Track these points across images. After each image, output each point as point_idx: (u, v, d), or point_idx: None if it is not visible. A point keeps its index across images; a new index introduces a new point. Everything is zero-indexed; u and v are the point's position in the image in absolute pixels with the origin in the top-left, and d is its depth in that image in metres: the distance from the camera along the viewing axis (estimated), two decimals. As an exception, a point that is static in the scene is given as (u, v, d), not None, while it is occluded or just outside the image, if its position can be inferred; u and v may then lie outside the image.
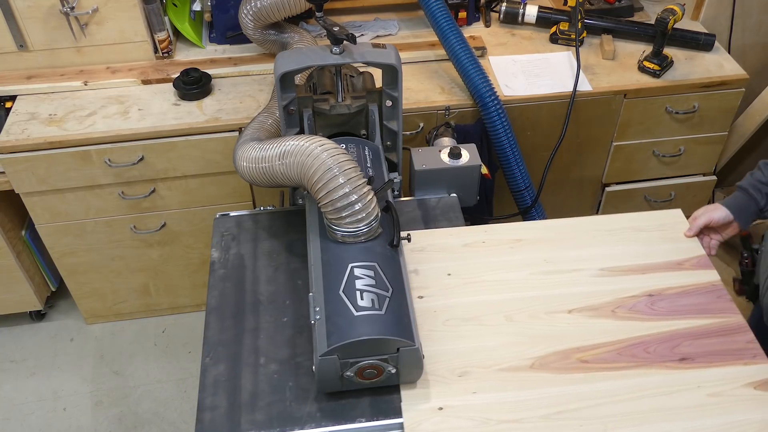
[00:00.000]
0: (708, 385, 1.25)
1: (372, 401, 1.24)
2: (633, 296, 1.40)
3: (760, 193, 1.46)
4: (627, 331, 1.34)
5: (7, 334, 2.48)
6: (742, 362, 1.29)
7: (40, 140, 1.89)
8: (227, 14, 2.10)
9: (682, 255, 1.49)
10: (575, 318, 1.36)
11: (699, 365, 1.28)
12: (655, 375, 1.27)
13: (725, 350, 1.31)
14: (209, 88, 2.03)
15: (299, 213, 1.60)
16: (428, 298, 1.40)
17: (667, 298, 1.40)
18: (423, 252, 1.49)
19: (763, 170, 1.47)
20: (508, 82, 2.09)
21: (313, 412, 1.22)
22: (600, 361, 1.29)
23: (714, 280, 1.44)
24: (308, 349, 1.32)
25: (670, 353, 1.30)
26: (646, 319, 1.36)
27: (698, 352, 1.30)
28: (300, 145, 1.29)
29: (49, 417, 2.23)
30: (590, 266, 1.46)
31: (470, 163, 1.67)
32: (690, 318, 1.36)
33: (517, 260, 1.48)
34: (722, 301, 1.40)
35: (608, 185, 2.39)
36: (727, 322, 1.36)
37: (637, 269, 1.46)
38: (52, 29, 1.96)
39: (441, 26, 1.97)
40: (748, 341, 1.32)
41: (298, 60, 1.43)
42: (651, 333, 1.33)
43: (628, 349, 1.31)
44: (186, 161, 2.00)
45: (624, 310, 1.38)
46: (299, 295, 1.43)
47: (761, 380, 1.25)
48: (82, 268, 2.25)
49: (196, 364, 2.25)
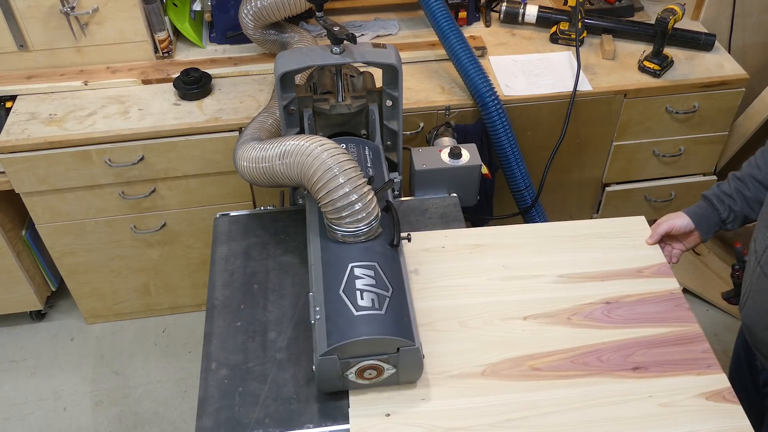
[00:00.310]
0: (659, 394, 1.24)
1: (321, 407, 1.23)
2: (590, 303, 1.38)
3: (723, 205, 1.45)
4: (582, 338, 1.32)
5: (7, 334, 2.48)
6: (695, 372, 1.27)
7: (40, 140, 1.89)
8: (227, 14, 2.10)
9: (642, 262, 1.47)
10: (530, 325, 1.34)
11: (652, 375, 1.27)
12: (606, 384, 1.25)
13: (680, 360, 1.29)
14: (209, 88, 2.03)
15: (286, 212, 1.60)
16: None
17: (625, 306, 1.38)
18: None
19: (731, 182, 1.46)
20: (508, 82, 2.09)
21: (261, 418, 1.22)
22: (552, 369, 1.27)
23: (673, 288, 1.42)
24: (258, 355, 1.32)
25: (623, 362, 1.28)
26: (601, 326, 1.34)
27: (652, 362, 1.29)
28: (300, 145, 1.29)
29: (49, 417, 2.23)
30: (549, 272, 1.44)
31: (470, 163, 1.67)
32: (646, 326, 1.35)
33: (475, 266, 1.46)
34: (680, 309, 1.38)
35: (608, 185, 2.39)
36: (684, 331, 1.34)
37: (596, 276, 1.44)
38: (52, 29, 1.96)
39: (441, 26, 1.97)
40: (704, 351, 1.31)
41: (298, 60, 1.43)
42: (606, 341, 1.32)
43: (581, 357, 1.29)
44: (186, 161, 2.00)
45: (580, 318, 1.36)
46: (254, 299, 1.43)
47: (713, 391, 1.24)
48: (82, 268, 2.25)
49: (196, 364, 2.25)
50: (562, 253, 1.49)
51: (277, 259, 1.51)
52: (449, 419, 1.20)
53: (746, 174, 1.44)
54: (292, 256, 1.52)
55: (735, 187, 1.45)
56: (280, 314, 1.39)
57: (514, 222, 2.25)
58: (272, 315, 1.39)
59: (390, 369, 1.19)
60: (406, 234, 1.37)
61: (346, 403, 1.22)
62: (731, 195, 1.45)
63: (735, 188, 1.45)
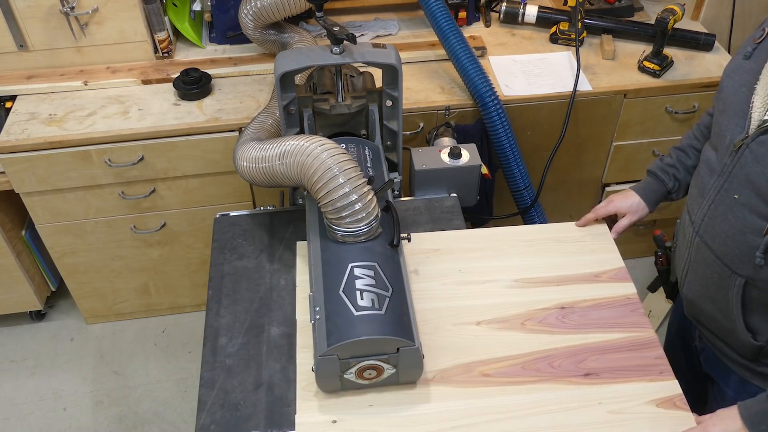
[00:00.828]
0: (609, 401, 1.22)
1: (268, 413, 1.23)
2: (544, 308, 1.37)
3: (668, 175, 1.48)
4: (534, 344, 1.31)
5: (7, 334, 2.48)
6: (647, 378, 1.26)
7: (40, 140, 1.89)
8: (227, 14, 2.10)
9: (599, 267, 1.46)
10: (483, 330, 1.33)
11: (603, 381, 1.25)
12: (557, 390, 1.24)
13: (632, 366, 1.28)
14: (209, 88, 2.03)
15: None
16: None
17: (579, 311, 1.37)
18: None
19: (672, 154, 1.50)
20: (508, 82, 2.08)
21: (206, 425, 1.21)
22: (502, 375, 1.26)
23: (630, 293, 1.41)
24: (207, 360, 1.31)
25: (575, 368, 1.27)
26: (555, 332, 1.33)
27: (604, 368, 1.28)
28: (300, 145, 1.29)
29: (49, 417, 2.23)
30: (505, 277, 1.43)
31: (470, 163, 1.67)
32: (600, 332, 1.33)
33: (430, 270, 1.44)
34: (635, 315, 1.37)
35: (608, 185, 2.38)
36: (638, 337, 1.33)
37: (553, 281, 1.43)
38: (52, 29, 1.96)
39: (441, 26, 1.97)
40: (657, 357, 1.30)
41: (298, 60, 1.43)
42: (558, 347, 1.31)
43: (532, 363, 1.28)
44: (186, 161, 2.00)
45: (533, 323, 1.35)
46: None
47: (664, 398, 1.23)
48: (82, 268, 2.25)
49: (196, 364, 2.25)
50: (520, 257, 1.47)
51: (233, 264, 1.51)
52: (395, 426, 1.19)
53: (686, 145, 1.49)
54: (247, 261, 1.51)
55: (677, 158, 1.49)
56: (232, 319, 1.39)
57: (513, 222, 2.25)
58: (224, 320, 1.39)
59: (390, 369, 1.19)
60: (406, 234, 1.37)
61: (293, 409, 1.22)
62: (674, 165, 1.49)
63: (677, 159, 1.49)
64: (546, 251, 1.49)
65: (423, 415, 1.21)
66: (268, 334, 1.36)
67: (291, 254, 1.52)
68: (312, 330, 1.24)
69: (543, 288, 1.41)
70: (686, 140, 1.50)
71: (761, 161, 1.15)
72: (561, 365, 1.28)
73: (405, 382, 1.24)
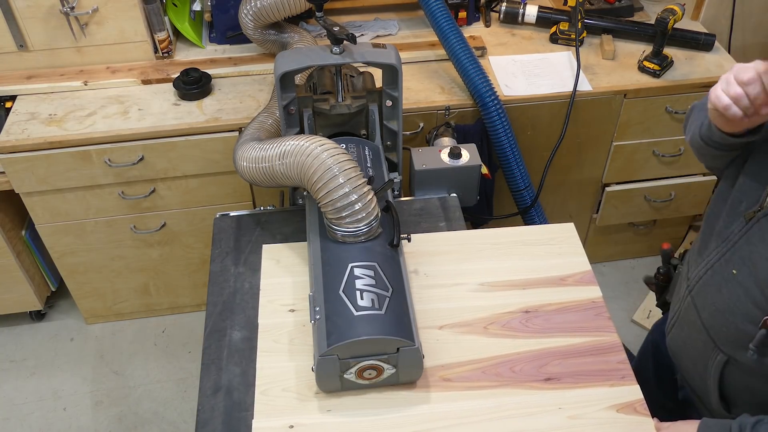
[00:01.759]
0: (570, 406, 1.20)
1: (225, 418, 1.22)
2: (509, 312, 1.35)
3: None
4: (496, 348, 1.29)
5: (7, 334, 2.48)
6: (609, 383, 1.24)
7: (40, 140, 1.89)
8: (227, 14, 2.10)
9: (566, 270, 1.44)
10: (445, 334, 1.31)
11: (564, 386, 1.24)
12: (517, 395, 1.22)
13: (594, 370, 1.26)
14: (209, 88, 2.03)
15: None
16: (299, 311, 1.36)
17: (544, 315, 1.35)
18: (305, 265, 1.45)
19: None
20: (508, 82, 2.09)
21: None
22: (463, 379, 1.25)
23: (595, 297, 1.39)
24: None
25: (536, 373, 1.26)
26: (518, 336, 1.32)
27: (565, 372, 1.26)
28: (300, 145, 1.29)
29: (49, 417, 2.23)
30: (470, 281, 1.41)
31: (470, 163, 1.67)
32: (563, 336, 1.32)
33: None
34: (600, 319, 1.35)
35: (608, 185, 2.39)
36: (601, 341, 1.31)
37: (518, 284, 1.41)
38: (52, 29, 1.96)
39: (441, 26, 1.97)
40: (619, 361, 1.28)
41: (298, 60, 1.43)
42: (520, 351, 1.29)
43: (493, 367, 1.27)
44: (186, 161, 2.00)
45: (497, 327, 1.33)
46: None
47: (625, 403, 1.21)
48: (82, 268, 2.25)
49: (196, 364, 2.25)
50: (486, 260, 1.46)
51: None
52: (353, 431, 1.18)
53: None
54: (213, 265, 1.51)
55: None
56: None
57: (513, 222, 2.25)
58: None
59: (390, 369, 1.19)
60: (406, 234, 1.37)
61: (251, 414, 1.21)
62: None
63: None
64: (514, 254, 1.47)
65: (381, 419, 1.20)
66: (229, 338, 1.36)
67: (258, 257, 1.50)
68: (312, 330, 1.24)
69: (508, 291, 1.40)
70: None
71: (766, 242, 1.05)
72: (522, 370, 1.26)
73: (405, 382, 1.24)
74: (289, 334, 1.33)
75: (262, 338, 1.33)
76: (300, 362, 1.28)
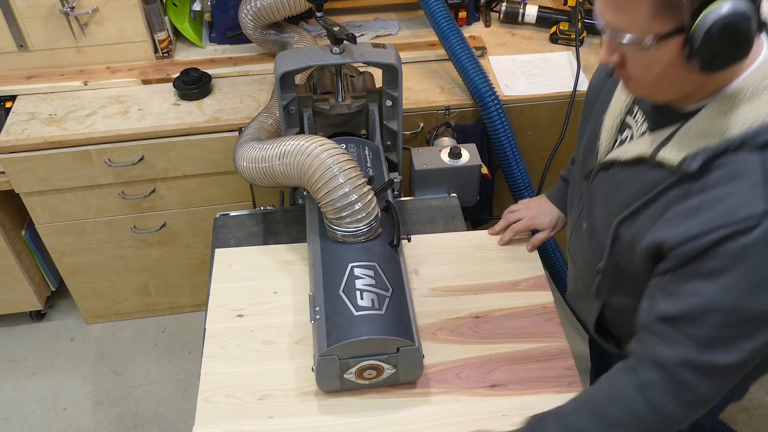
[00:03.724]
0: (513, 414, 1.20)
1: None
2: (458, 318, 1.34)
3: None
4: (444, 354, 1.29)
5: (7, 334, 2.48)
6: (554, 390, 1.24)
7: (40, 140, 1.89)
8: (227, 14, 2.10)
9: (518, 275, 1.43)
10: None
11: (509, 392, 1.23)
12: (461, 402, 1.22)
13: (540, 377, 1.26)
14: (209, 88, 2.03)
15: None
16: (249, 317, 1.36)
17: (493, 320, 1.34)
18: (257, 269, 1.45)
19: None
20: (508, 82, 2.09)
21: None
22: (408, 386, 1.24)
23: (546, 302, 1.38)
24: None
25: (482, 379, 1.25)
26: (466, 342, 1.31)
27: (512, 379, 1.25)
28: (300, 145, 1.29)
29: (49, 417, 2.23)
30: (421, 285, 1.40)
31: (470, 163, 1.67)
32: (512, 342, 1.31)
33: None
34: (550, 324, 1.34)
35: (608, 185, 2.38)
36: (550, 347, 1.30)
37: (470, 289, 1.40)
38: (52, 29, 1.96)
39: (441, 26, 1.97)
40: (567, 367, 1.27)
41: (298, 60, 1.44)
42: (468, 357, 1.28)
43: (440, 374, 1.26)
44: (186, 161, 2.00)
45: (446, 333, 1.32)
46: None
47: None
48: (82, 268, 2.25)
49: (196, 364, 2.24)
50: (438, 265, 1.45)
51: None
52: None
53: None
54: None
55: None
56: None
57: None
58: None
59: (390, 369, 1.19)
60: (406, 234, 1.37)
61: (192, 421, 1.20)
62: None
63: None
64: (467, 259, 1.46)
65: (324, 427, 1.19)
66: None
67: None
68: (312, 330, 1.24)
69: (459, 297, 1.39)
70: None
71: (598, 196, 1.12)
72: (468, 376, 1.26)
73: (404, 382, 1.24)
74: (236, 339, 1.32)
75: (208, 343, 1.33)
76: (245, 368, 1.27)
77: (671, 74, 0.89)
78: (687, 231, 0.90)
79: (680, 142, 0.94)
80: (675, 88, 0.94)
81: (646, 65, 0.90)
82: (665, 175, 0.96)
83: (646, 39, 0.85)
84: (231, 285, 1.43)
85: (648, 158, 0.99)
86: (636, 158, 1.02)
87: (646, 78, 0.93)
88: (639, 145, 1.02)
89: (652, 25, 0.84)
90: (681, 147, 0.93)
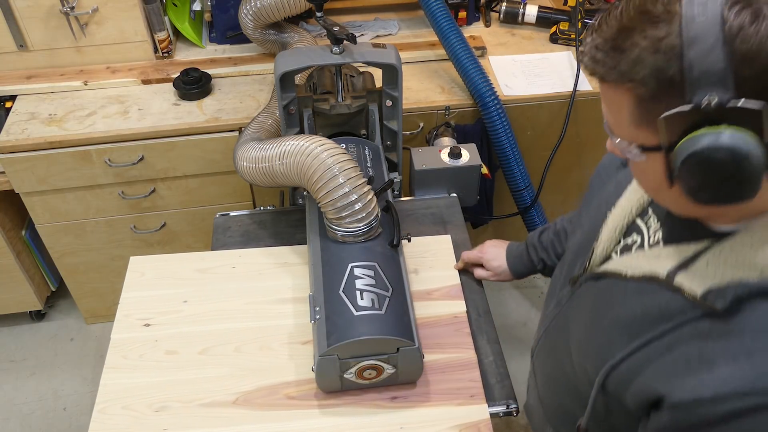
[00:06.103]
0: (411, 426, 1.17)
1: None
2: None
3: (537, 257, 1.34)
4: None
5: (7, 334, 2.48)
6: (456, 402, 1.21)
7: (40, 140, 1.89)
8: (227, 14, 2.10)
9: (434, 284, 1.40)
10: (307, 349, 1.29)
11: (409, 404, 1.21)
12: (359, 414, 1.20)
13: (443, 389, 1.23)
14: (209, 88, 2.03)
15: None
16: (156, 326, 1.33)
17: None
18: (171, 278, 1.43)
19: (550, 233, 1.33)
20: (508, 82, 2.09)
21: None
22: (307, 397, 1.22)
23: (458, 312, 1.35)
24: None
25: (383, 391, 1.23)
26: None
27: (413, 391, 1.23)
28: (300, 145, 1.29)
29: (49, 417, 2.23)
30: None
31: (470, 163, 1.67)
32: None
33: (261, 287, 1.40)
34: (459, 335, 1.31)
35: (608, 185, 2.38)
36: (456, 359, 1.28)
37: None
38: (52, 29, 1.96)
39: (441, 26, 1.97)
40: (471, 379, 1.24)
41: (298, 60, 1.44)
42: None
43: None
44: (186, 161, 2.00)
45: None
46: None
47: (469, 423, 1.18)
48: (82, 267, 2.25)
49: (196, 364, 2.25)
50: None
51: None
52: None
53: (561, 229, 1.31)
54: None
55: (550, 241, 1.32)
56: None
57: (513, 222, 2.25)
58: None
59: (390, 369, 1.19)
60: (406, 234, 1.37)
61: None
62: (546, 248, 1.33)
63: (550, 242, 1.32)
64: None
65: None
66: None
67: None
68: (312, 330, 1.24)
69: None
70: (564, 223, 1.31)
71: (581, 311, 0.92)
72: (369, 388, 1.24)
73: (404, 382, 1.24)
74: (140, 350, 1.30)
75: (111, 353, 1.30)
76: (146, 379, 1.25)
77: (669, 191, 0.73)
78: (698, 388, 0.69)
79: (707, 267, 0.73)
80: (679, 207, 0.76)
81: (641, 171, 0.77)
82: (682, 304, 0.74)
83: (631, 147, 0.74)
84: (141, 294, 1.40)
85: (663, 280, 0.77)
86: (645, 276, 0.80)
87: (644, 185, 0.80)
88: (652, 261, 0.81)
89: (636, 134, 0.72)
90: (707, 274, 0.73)
